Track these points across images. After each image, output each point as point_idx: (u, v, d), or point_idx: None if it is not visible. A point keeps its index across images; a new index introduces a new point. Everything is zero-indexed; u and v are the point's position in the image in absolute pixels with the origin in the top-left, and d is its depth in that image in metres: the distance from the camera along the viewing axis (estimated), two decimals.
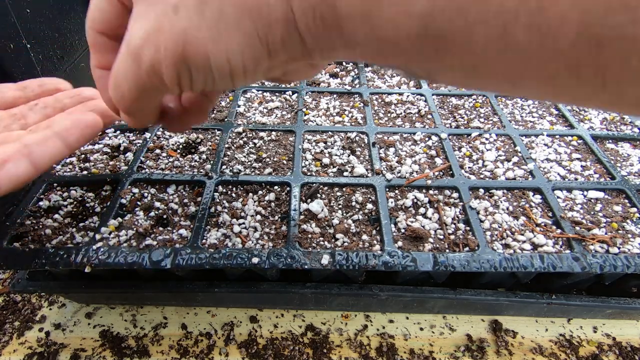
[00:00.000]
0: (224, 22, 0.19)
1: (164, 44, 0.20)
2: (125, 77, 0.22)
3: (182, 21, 0.19)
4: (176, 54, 0.20)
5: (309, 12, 0.18)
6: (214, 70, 0.21)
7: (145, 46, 0.20)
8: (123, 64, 0.22)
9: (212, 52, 0.20)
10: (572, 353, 0.39)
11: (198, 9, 0.19)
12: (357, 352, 0.39)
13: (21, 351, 0.38)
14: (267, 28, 0.19)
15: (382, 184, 0.39)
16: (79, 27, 0.57)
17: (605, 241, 0.34)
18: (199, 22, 0.19)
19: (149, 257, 0.31)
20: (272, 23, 0.19)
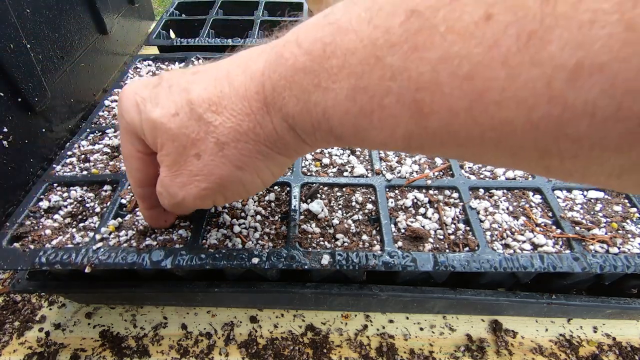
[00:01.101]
0: (245, 155, 0.23)
1: (194, 185, 0.24)
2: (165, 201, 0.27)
3: (207, 164, 0.23)
4: (208, 189, 0.24)
5: (312, 136, 0.21)
6: (247, 187, 0.25)
7: (175, 187, 0.25)
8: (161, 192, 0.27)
9: (242, 177, 0.24)
10: (572, 353, 0.39)
11: (218, 152, 0.22)
12: (357, 352, 0.39)
13: (21, 351, 0.38)
14: (282, 148, 0.23)
15: (382, 184, 0.39)
16: (79, 27, 0.57)
17: (605, 241, 0.34)
18: (222, 162, 0.23)
19: (149, 257, 0.31)
20: (286, 144, 0.22)
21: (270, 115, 0.21)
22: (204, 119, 0.22)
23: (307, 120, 0.20)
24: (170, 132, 0.23)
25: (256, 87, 0.21)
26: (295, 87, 0.19)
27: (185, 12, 0.80)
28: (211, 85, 0.22)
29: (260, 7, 0.77)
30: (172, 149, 0.23)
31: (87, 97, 0.60)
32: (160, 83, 0.24)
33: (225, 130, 0.22)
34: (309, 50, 0.18)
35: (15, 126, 0.43)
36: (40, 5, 0.48)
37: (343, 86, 0.17)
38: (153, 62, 0.58)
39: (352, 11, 0.17)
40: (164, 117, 0.23)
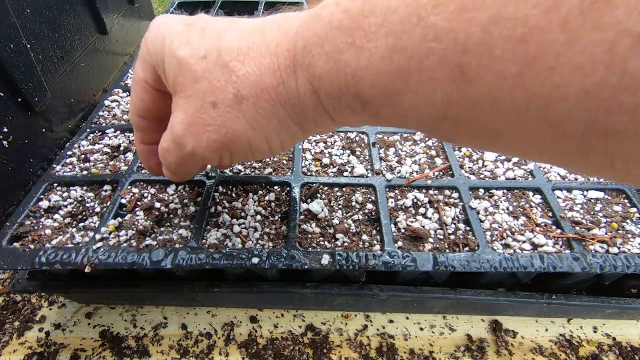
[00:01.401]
0: (261, 114, 0.22)
1: (205, 135, 0.23)
2: (171, 156, 0.25)
3: (221, 115, 0.22)
4: (218, 142, 0.23)
5: (336, 101, 0.20)
6: (254, 150, 0.24)
7: (186, 135, 0.23)
8: (168, 147, 0.25)
9: (252, 138, 0.23)
10: (572, 353, 0.39)
11: (235, 105, 0.22)
12: (357, 352, 0.39)
13: (21, 351, 0.38)
14: (300, 114, 0.22)
15: (382, 184, 0.39)
16: (79, 27, 0.57)
17: (605, 241, 0.34)
18: (237, 116, 0.22)
19: (149, 257, 0.31)
20: (304, 110, 0.21)
21: (296, 74, 0.20)
22: (229, 67, 0.21)
23: (334, 81, 0.19)
24: (195, 74, 0.22)
25: (288, 44, 0.20)
26: (327, 44, 0.18)
27: (185, 12, 0.80)
28: (245, 35, 0.22)
29: (260, 7, 0.77)
30: (192, 91, 0.22)
31: (87, 97, 0.60)
32: (194, 23, 0.23)
33: (247, 83, 0.21)
34: (347, 8, 0.18)
35: (15, 126, 0.43)
36: (40, 5, 0.48)
37: (379, 45, 0.16)
38: None
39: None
40: (192, 57, 0.22)
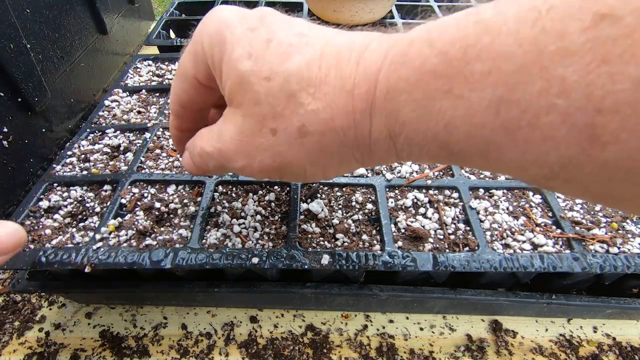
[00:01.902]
0: (323, 151, 0.20)
1: (259, 158, 0.22)
2: (211, 161, 0.24)
3: (280, 144, 0.20)
4: (271, 167, 0.22)
5: (416, 148, 0.18)
6: (308, 177, 0.23)
7: (238, 153, 0.22)
8: (212, 152, 0.24)
9: (308, 168, 0.22)
10: (572, 353, 0.39)
11: (297, 138, 0.20)
12: (357, 352, 0.39)
13: (21, 351, 0.38)
14: (366, 154, 0.20)
15: (382, 184, 0.39)
16: (79, 27, 0.57)
17: (605, 241, 0.34)
18: (297, 149, 0.20)
19: (149, 257, 0.31)
20: (372, 152, 0.20)
21: (372, 118, 0.18)
22: (297, 97, 0.19)
23: (420, 130, 0.17)
24: (257, 95, 0.20)
25: (367, 85, 0.18)
26: (417, 91, 0.16)
27: (185, 12, 0.80)
28: (316, 62, 0.19)
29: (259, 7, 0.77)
30: (251, 112, 0.20)
31: (87, 97, 0.60)
32: (259, 29, 0.21)
33: (315, 119, 0.19)
34: (444, 51, 0.15)
35: (15, 126, 0.43)
36: (40, 5, 0.48)
37: (484, 96, 0.14)
38: (153, 62, 0.58)
39: (509, 10, 0.14)
40: (254, 76, 0.20)
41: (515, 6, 0.14)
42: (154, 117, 0.47)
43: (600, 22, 0.12)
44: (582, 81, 0.12)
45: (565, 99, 0.13)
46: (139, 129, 0.45)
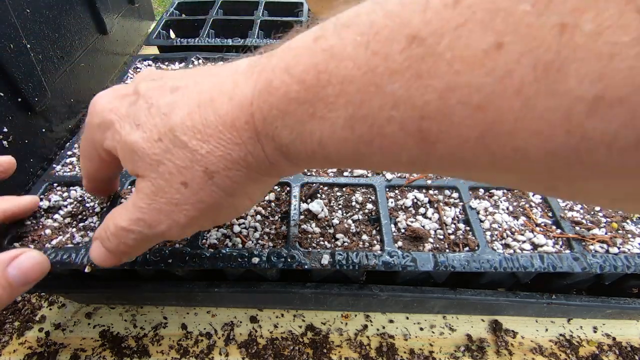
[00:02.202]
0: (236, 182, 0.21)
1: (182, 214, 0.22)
2: (130, 235, 0.23)
3: (195, 193, 0.21)
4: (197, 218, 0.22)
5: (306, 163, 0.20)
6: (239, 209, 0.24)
7: (160, 214, 0.22)
8: (130, 227, 0.23)
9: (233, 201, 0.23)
10: (572, 353, 0.39)
11: (208, 181, 0.21)
12: (357, 352, 0.39)
13: (21, 351, 0.38)
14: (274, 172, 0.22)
15: (382, 184, 0.39)
16: (79, 27, 0.57)
17: (605, 241, 0.34)
18: (212, 190, 0.21)
19: (149, 257, 0.31)
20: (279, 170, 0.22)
21: (262, 144, 0.20)
22: (189, 147, 0.20)
23: (301, 149, 0.19)
24: (155, 157, 0.21)
25: (245, 117, 0.20)
26: (288, 117, 0.18)
27: (185, 12, 0.80)
28: (195, 112, 0.20)
29: (260, 7, 0.77)
30: (156, 174, 0.21)
31: (87, 97, 0.60)
32: (137, 101, 0.22)
33: (214, 159, 0.20)
34: (301, 79, 0.17)
35: (15, 126, 0.43)
36: (40, 5, 0.48)
37: (340, 115, 0.17)
38: (153, 62, 0.58)
39: (346, 36, 0.16)
40: (147, 142, 0.21)
41: (351, 32, 0.16)
42: None
43: (412, 43, 0.14)
44: (406, 94, 0.15)
45: (397, 110, 0.15)
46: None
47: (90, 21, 0.61)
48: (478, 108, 0.13)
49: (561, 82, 0.12)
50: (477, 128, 0.14)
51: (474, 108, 0.13)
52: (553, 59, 0.12)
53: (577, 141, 0.12)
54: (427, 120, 0.15)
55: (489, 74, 0.13)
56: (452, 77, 0.13)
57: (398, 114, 0.15)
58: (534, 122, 0.13)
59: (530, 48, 0.12)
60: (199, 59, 0.58)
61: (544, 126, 0.13)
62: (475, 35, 0.13)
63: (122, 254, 0.25)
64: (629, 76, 0.11)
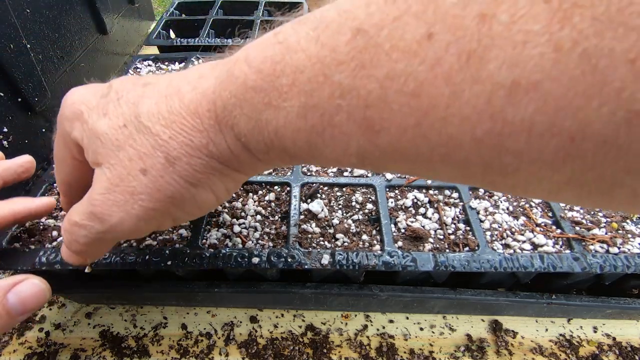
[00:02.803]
0: (198, 171, 0.21)
1: (137, 204, 0.21)
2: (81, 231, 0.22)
3: (154, 181, 0.21)
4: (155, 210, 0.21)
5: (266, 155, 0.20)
6: (200, 204, 0.23)
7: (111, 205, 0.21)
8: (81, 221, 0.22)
9: (196, 193, 0.22)
10: (572, 353, 0.39)
11: (168, 168, 0.21)
12: (357, 352, 0.39)
13: (21, 351, 0.38)
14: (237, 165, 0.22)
15: (382, 184, 0.39)
16: (79, 27, 0.57)
17: (605, 241, 0.34)
18: (172, 178, 0.21)
19: (149, 257, 0.31)
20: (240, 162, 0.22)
21: (223, 133, 0.20)
22: (152, 132, 0.20)
23: (259, 139, 0.19)
24: (117, 143, 0.21)
25: (207, 105, 0.20)
26: (246, 105, 0.19)
27: (185, 12, 0.80)
28: (162, 101, 0.21)
29: (260, 7, 0.77)
30: (115, 160, 0.21)
31: None
32: (109, 93, 0.23)
33: (176, 144, 0.20)
34: (259, 69, 0.18)
35: (15, 126, 0.43)
36: (40, 5, 0.48)
37: (294, 104, 0.17)
38: (153, 62, 0.58)
39: (300, 30, 0.17)
40: (111, 128, 0.21)
41: (305, 27, 0.17)
42: None
43: (356, 35, 0.15)
44: (352, 84, 0.15)
45: (344, 99, 0.16)
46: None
47: (90, 21, 0.61)
48: (414, 95, 0.14)
49: (483, 69, 0.13)
50: (414, 115, 0.15)
51: (410, 95, 0.14)
52: (475, 48, 0.13)
53: (500, 127, 0.13)
54: (371, 109, 0.15)
55: (422, 63, 0.14)
56: (390, 66, 0.14)
57: (345, 103, 0.16)
58: (462, 108, 0.13)
59: (457, 38, 0.13)
60: (199, 59, 0.58)
61: (471, 112, 0.13)
62: (409, 26, 0.14)
63: (79, 252, 0.24)
64: (540, 63, 0.12)
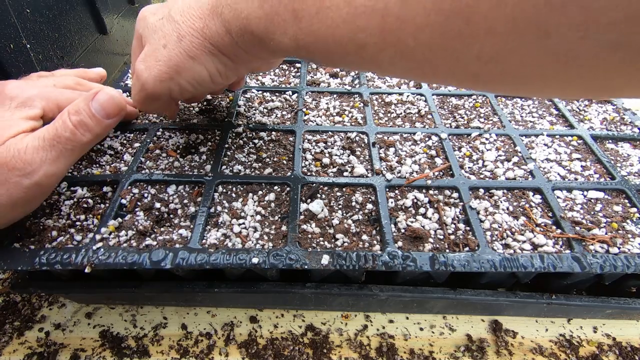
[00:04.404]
0: (195, 47, 0.31)
1: (156, 68, 0.32)
2: (134, 89, 0.34)
3: (169, 52, 0.31)
4: (166, 73, 0.32)
5: (241, 38, 0.29)
6: (197, 78, 0.32)
7: (143, 70, 0.32)
8: (133, 83, 0.35)
9: (192, 66, 0.31)
10: (572, 353, 0.39)
11: (178, 43, 0.31)
12: (357, 352, 0.39)
13: (21, 351, 0.38)
14: (222, 48, 0.31)
15: (382, 184, 0.39)
16: (79, 27, 0.57)
17: (605, 241, 0.34)
18: (179, 51, 0.31)
19: (149, 257, 0.31)
20: (225, 45, 0.30)
21: (214, 20, 0.29)
22: (174, 20, 0.31)
23: (237, 24, 0.28)
24: (154, 28, 0.32)
25: (208, 0, 0.30)
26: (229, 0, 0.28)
27: None
28: (186, 2, 0.31)
29: None
30: (151, 39, 0.32)
31: None
32: (164, 6, 0.34)
33: (185, 27, 0.30)
34: None
35: None
36: (40, 5, 0.48)
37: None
38: None
39: None
40: (155, 21, 0.33)
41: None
42: (154, 117, 0.47)
43: None
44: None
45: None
46: (139, 129, 0.46)
47: (90, 21, 0.61)
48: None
49: None
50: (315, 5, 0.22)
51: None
52: None
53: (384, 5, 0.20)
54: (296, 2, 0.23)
55: None
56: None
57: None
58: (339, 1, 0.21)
59: None
60: None
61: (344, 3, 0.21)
62: None
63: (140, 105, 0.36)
64: None
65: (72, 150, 0.32)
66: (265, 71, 0.45)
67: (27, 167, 0.29)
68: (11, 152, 0.29)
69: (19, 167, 0.29)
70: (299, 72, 0.57)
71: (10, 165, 0.28)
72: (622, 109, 0.52)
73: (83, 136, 0.32)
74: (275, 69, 0.58)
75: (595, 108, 0.52)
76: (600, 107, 0.53)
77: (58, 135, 0.31)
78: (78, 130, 0.32)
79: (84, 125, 0.32)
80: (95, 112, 0.33)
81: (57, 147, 0.31)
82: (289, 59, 0.59)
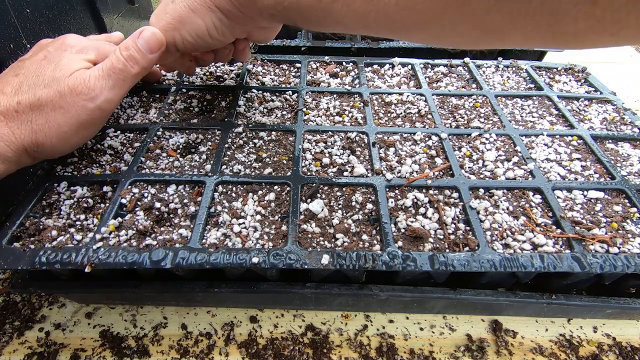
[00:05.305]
0: (197, 3, 0.36)
1: (164, 18, 0.38)
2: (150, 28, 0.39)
3: (175, 6, 0.37)
4: (172, 23, 0.38)
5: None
6: (197, 30, 0.37)
7: (154, 20, 0.39)
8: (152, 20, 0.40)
9: (193, 18, 0.37)
10: (572, 353, 0.39)
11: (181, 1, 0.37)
12: (357, 352, 0.39)
13: (21, 351, 0.38)
14: (219, 3, 0.35)
15: (382, 184, 0.39)
16: (79, 27, 0.57)
17: (605, 241, 0.34)
18: (184, 5, 0.37)
19: (149, 257, 0.31)
20: (222, 1, 0.35)
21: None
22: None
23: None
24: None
25: None
26: None
27: None
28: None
29: None
30: None
31: None
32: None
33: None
34: None
35: None
36: (40, 5, 0.48)
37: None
38: None
39: None
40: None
41: None
42: (155, 117, 0.47)
43: None
44: None
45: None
46: (139, 129, 0.46)
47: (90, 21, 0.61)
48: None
49: None
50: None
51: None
52: None
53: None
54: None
55: None
56: None
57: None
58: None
59: None
60: None
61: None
62: None
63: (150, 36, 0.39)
64: None
65: (124, 81, 0.37)
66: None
67: (90, 92, 0.35)
68: (78, 80, 0.35)
69: (84, 92, 0.35)
70: (299, 72, 0.57)
71: (78, 90, 0.34)
72: (622, 109, 0.52)
73: (132, 68, 0.37)
74: (275, 69, 0.58)
75: (595, 108, 0.52)
76: (601, 107, 0.53)
77: (113, 67, 0.37)
78: (128, 62, 0.37)
79: (133, 59, 0.37)
80: (141, 47, 0.37)
81: (113, 77, 0.36)
82: (289, 59, 0.59)
